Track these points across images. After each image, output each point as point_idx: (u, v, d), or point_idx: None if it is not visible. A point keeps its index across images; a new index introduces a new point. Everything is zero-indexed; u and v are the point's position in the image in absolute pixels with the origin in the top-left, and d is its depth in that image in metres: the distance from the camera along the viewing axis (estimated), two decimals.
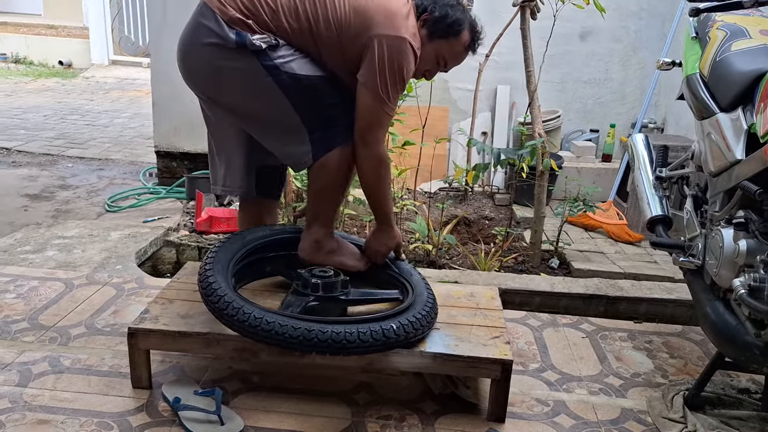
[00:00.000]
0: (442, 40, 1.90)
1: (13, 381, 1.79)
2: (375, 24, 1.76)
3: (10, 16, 12.82)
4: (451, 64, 1.98)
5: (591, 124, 5.10)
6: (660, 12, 4.86)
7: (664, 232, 2.12)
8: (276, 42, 1.77)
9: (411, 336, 1.66)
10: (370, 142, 1.82)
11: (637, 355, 2.18)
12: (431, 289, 1.91)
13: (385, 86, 1.76)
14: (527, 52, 3.22)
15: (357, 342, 1.59)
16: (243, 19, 1.74)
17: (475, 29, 1.96)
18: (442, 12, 1.88)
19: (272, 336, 1.57)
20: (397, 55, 1.75)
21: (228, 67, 1.78)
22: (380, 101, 1.77)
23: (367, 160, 1.84)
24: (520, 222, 4.02)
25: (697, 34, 2.05)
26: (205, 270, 1.73)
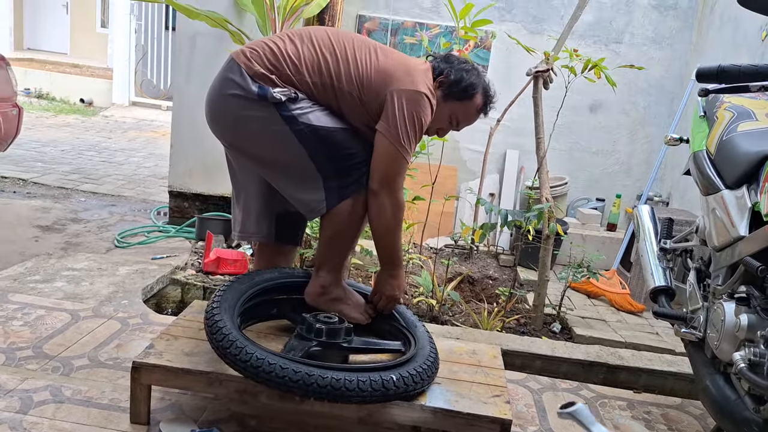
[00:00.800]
0: (457, 102, 2.01)
1: (14, 407, 1.80)
2: (395, 80, 1.88)
3: (37, 53, 13.25)
4: (463, 124, 2.08)
5: (597, 193, 5.17)
6: (669, 90, 5.00)
7: (667, 303, 2.14)
8: (296, 95, 1.86)
9: (410, 389, 1.67)
10: (393, 189, 1.89)
11: (635, 425, 2.17)
12: (434, 344, 1.93)
13: (406, 134, 1.86)
14: (538, 119, 3.32)
15: (356, 390, 1.59)
16: (266, 74, 1.86)
17: (488, 93, 2.06)
18: (458, 76, 1.99)
19: (272, 378, 1.58)
20: (414, 106, 1.86)
21: (249, 116, 1.88)
22: (400, 148, 1.86)
23: (388, 206, 1.89)
24: (524, 284, 4.04)
25: (705, 113, 2.14)
26: (212, 308, 1.76)
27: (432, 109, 1.93)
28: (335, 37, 1.95)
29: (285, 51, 1.89)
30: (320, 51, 1.90)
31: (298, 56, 1.89)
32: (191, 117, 3.81)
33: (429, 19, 4.98)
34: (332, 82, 1.88)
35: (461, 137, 5.09)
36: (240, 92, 1.86)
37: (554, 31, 4.75)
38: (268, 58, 1.87)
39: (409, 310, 2.10)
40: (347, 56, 1.90)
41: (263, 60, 1.87)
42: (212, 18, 3.45)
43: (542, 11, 4.97)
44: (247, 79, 1.85)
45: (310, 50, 1.90)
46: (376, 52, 1.94)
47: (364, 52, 1.92)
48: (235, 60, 1.89)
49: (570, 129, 5.02)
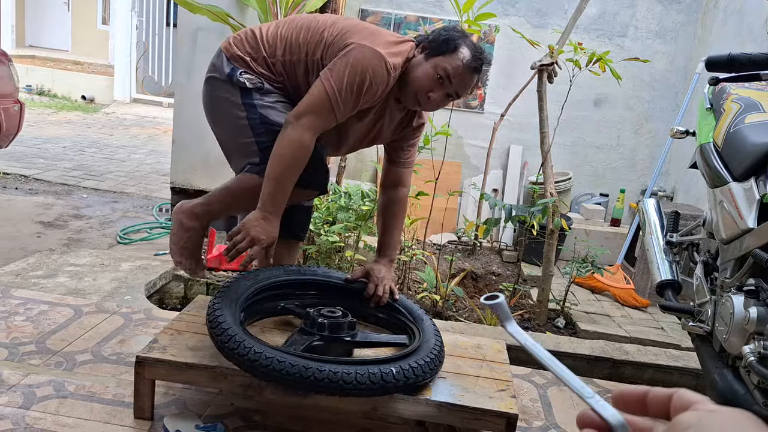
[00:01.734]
0: (439, 57, 1.88)
1: (16, 403, 1.79)
2: (355, 36, 1.84)
3: (39, 51, 13.24)
4: (454, 81, 1.88)
5: (601, 188, 5.16)
6: (673, 84, 4.98)
7: (673, 297, 2.13)
8: (261, 85, 1.91)
9: (411, 381, 1.64)
10: (302, 124, 1.81)
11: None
12: (440, 336, 1.91)
13: (339, 80, 1.78)
14: (543, 113, 3.30)
15: (353, 383, 1.56)
16: (242, 56, 1.93)
17: (475, 46, 1.92)
18: (437, 35, 1.91)
19: (270, 372, 1.55)
20: (363, 59, 1.79)
21: (220, 97, 1.97)
22: (328, 87, 1.79)
23: (290, 138, 1.81)
24: (527, 280, 4.02)
25: (711, 105, 2.11)
26: (214, 304, 1.75)
27: (388, 76, 1.83)
28: (322, 17, 1.97)
29: (265, 34, 1.95)
30: (296, 29, 1.93)
31: (275, 37, 1.93)
32: (193, 113, 3.79)
33: (432, 13, 4.96)
34: (304, 57, 1.91)
35: (464, 133, 5.07)
36: (216, 74, 1.97)
37: (558, 24, 4.73)
38: (249, 42, 1.95)
39: (416, 305, 2.08)
40: (319, 28, 1.91)
41: (243, 44, 1.95)
42: (214, 12, 3.44)
43: (546, 5, 4.95)
44: (223, 61, 1.95)
45: (288, 30, 1.94)
46: (349, 22, 1.92)
47: (337, 23, 1.91)
48: (221, 45, 1.99)
49: (574, 124, 5.00)
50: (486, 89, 5.01)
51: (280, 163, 1.82)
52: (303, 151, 1.82)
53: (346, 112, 1.85)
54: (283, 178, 1.83)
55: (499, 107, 4.70)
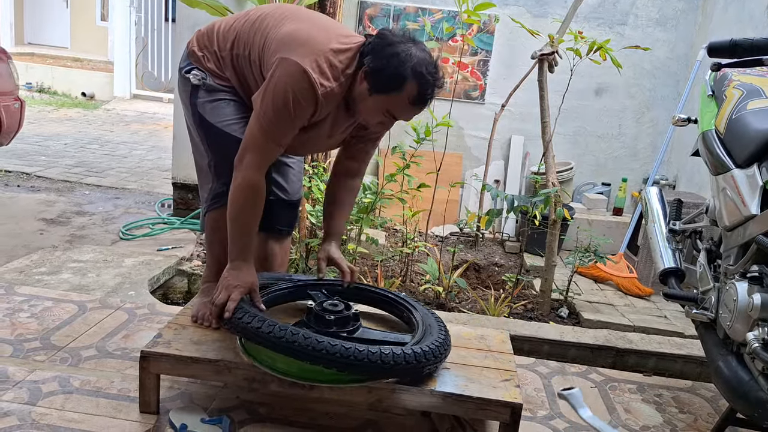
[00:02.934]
0: (382, 96, 1.72)
1: (22, 399, 1.79)
2: (286, 49, 1.73)
3: (38, 48, 13.22)
4: (400, 117, 1.80)
5: (603, 177, 5.14)
6: (674, 72, 4.95)
7: (677, 285, 2.12)
8: (204, 81, 1.91)
9: (423, 364, 1.64)
10: (245, 165, 1.75)
11: (646, 408, 2.16)
12: (442, 323, 1.90)
13: (267, 112, 1.71)
14: (544, 102, 3.29)
15: (366, 361, 1.57)
16: (196, 51, 1.94)
17: (422, 80, 1.69)
18: (377, 65, 1.69)
19: (282, 343, 1.58)
20: (284, 77, 1.68)
21: (180, 91, 2.00)
22: (262, 126, 1.73)
23: (237, 185, 1.76)
24: (530, 270, 4.02)
25: (713, 92, 2.11)
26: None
27: (314, 90, 1.69)
28: (276, 8, 1.91)
29: (220, 28, 1.93)
30: (250, 21, 1.89)
31: (227, 31, 1.91)
32: None
33: (431, 3, 4.94)
34: (247, 53, 1.87)
35: (465, 124, 5.06)
36: (179, 65, 2.00)
37: (558, 14, 4.70)
38: (207, 36, 1.94)
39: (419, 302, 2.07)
40: (262, 23, 1.85)
41: (202, 39, 1.95)
42: (212, 6, 3.42)
43: None
44: (183, 57, 1.98)
45: (243, 23, 1.90)
46: (292, 20, 1.81)
47: (283, 22, 1.81)
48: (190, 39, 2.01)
49: (575, 113, 4.98)
50: (486, 80, 4.99)
51: (234, 209, 1.78)
52: (253, 191, 1.76)
53: (286, 137, 1.76)
54: (241, 222, 1.78)
55: (499, 98, 4.68)
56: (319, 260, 2.04)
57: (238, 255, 1.80)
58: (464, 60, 4.96)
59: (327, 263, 2.05)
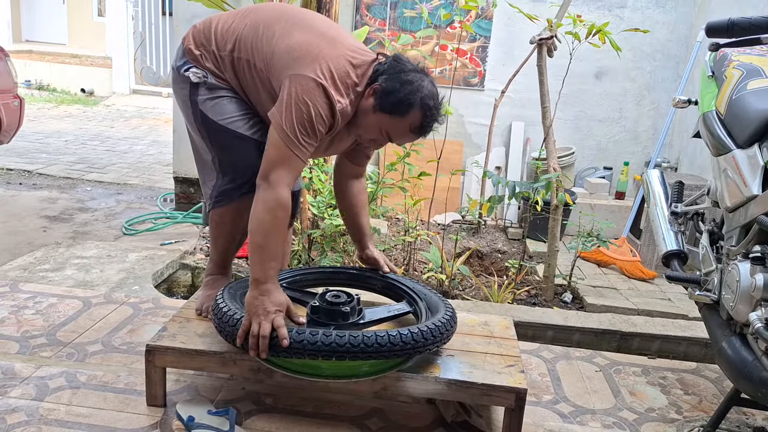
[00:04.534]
0: (386, 116, 1.75)
1: (30, 395, 1.81)
2: (298, 63, 1.72)
3: (36, 45, 13.19)
4: (395, 140, 1.85)
5: (604, 161, 5.13)
6: (674, 54, 4.93)
7: (680, 267, 2.12)
8: (205, 80, 1.87)
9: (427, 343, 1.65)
10: (273, 182, 1.68)
11: (651, 390, 2.17)
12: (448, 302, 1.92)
13: (291, 123, 1.68)
14: (543, 87, 3.27)
15: (375, 346, 1.58)
16: (193, 49, 1.89)
17: (428, 113, 1.75)
18: (390, 87, 1.73)
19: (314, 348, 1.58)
20: (305, 93, 1.68)
21: (177, 89, 1.97)
22: (283, 136, 1.69)
23: (264, 201, 1.69)
24: (533, 256, 4.02)
25: (713, 73, 2.09)
26: (216, 300, 1.79)
27: (331, 105, 1.71)
28: (279, 12, 1.87)
29: (218, 26, 1.89)
30: (251, 26, 1.84)
31: (226, 31, 1.87)
32: None
33: None
34: (250, 59, 1.83)
35: (465, 111, 5.05)
36: (173, 65, 1.97)
37: None
38: (204, 34, 1.90)
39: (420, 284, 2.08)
40: (268, 30, 1.81)
41: (199, 35, 1.91)
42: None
43: None
44: (178, 53, 1.95)
45: (242, 25, 1.86)
46: (300, 29, 1.79)
47: (292, 32, 1.78)
48: (184, 36, 1.96)
49: (576, 97, 4.97)
50: (486, 66, 4.97)
51: (259, 230, 1.68)
52: (281, 209, 1.69)
53: (310, 150, 1.74)
54: (268, 244, 1.68)
55: (499, 84, 4.67)
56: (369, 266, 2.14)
57: (268, 279, 1.67)
58: (463, 46, 4.94)
59: (372, 265, 2.13)
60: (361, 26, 4.74)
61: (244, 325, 1.63)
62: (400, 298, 2.03)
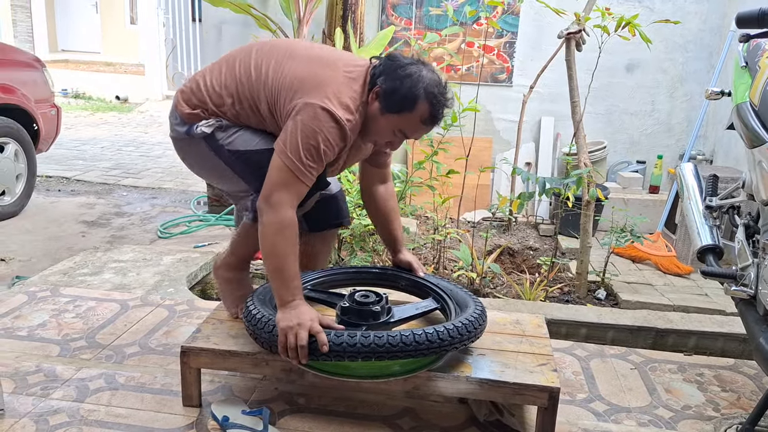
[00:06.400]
0: (395, 115, 1.77)
1: (71, 396, 1.86)
2: (301, 93, 1.74)
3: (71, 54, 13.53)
4: (411, 136, 1.86)
5: (637, 155, 5.05)
6: (707, 44, 4.82)
7: (715, 262, 2.08)
8: (221, 124, 1.86)
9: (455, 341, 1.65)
10: (274, 203, 1.69)
11: (687, 387, 2.13)
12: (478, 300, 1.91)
13: (296, 150, 1.69)
14: (572, 82, 3.24)
15: (413, 344, 1.59)
16: (192, 112, 1.88)
17: (434, 100, 1.76)
18: (392, 85, 1.74)
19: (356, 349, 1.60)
20: (311, 121, 1.69)
21: (188, 152, 1.97)
22: (285, 160, 1.69)
23: (269, 224, 1.70)
24: (565, 252, 3.98)
25: (746, 63, 2.05)
26: (247, 304, 1.81)
27: (340, 127, 1.71)
28: (267, 50, 1.86)
29: (209, 84, 1.87)
30: (240, 76, 1.83)
31: (219, 86, 1.86)
32: None
33: None
34: (253, 106, 1.84)
35: (493, 108, 5.02)
36: (175, 134, 1.94)
37: None
38: (196, 95, 1.88)
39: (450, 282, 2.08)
40: (262, 72, 1.81)
41: (191, 98, 1.89)
42: (236, 4, 3.46)
43: None
44: (178, 121, 1.92)
45: (230, 77, 1.85)
46: (293, 61, 1.80)
47: (282, 66, 1.80)
48: (173, 103, 1.94)
49: (606, 91, 4.90)
50: (513, 62, 4.94)
51: (273, 253, 1.70)
52: (288, 229, 1.70)
53: (314, 174, 1.74)
54: (285, 265, 1.70)
55: (527, 79, 4.63)
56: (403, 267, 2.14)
57: (295, 296, 1.69)
58: (489, 43, 4.91)
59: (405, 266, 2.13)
60: (387, 26, 4.76)
61: (281, 342, 1.64)
62: (426, 295, 2.03)
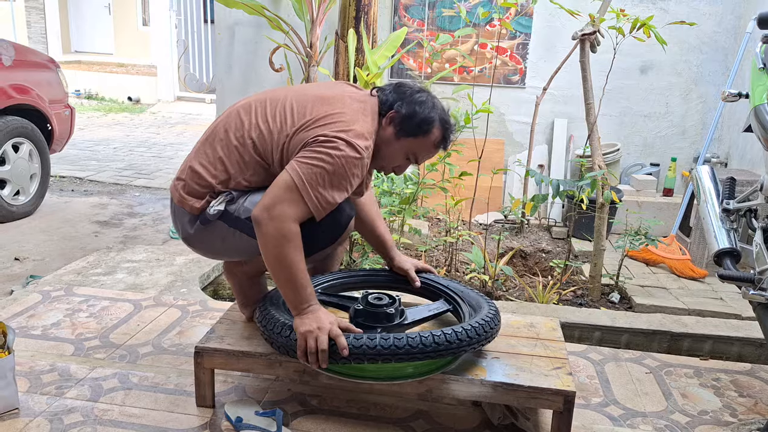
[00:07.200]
0: (412, 139, 1.80)
1: (85, 395, 1.86)
2: (308, 130, 1.71)
3: (84, 55, 13.63)
4: (421, 161, 1.90)
5: (651, 158, 5.02)
6: (723, 46, 4.78)
7: (732, 266, 2.06)
8: (231, 196, 1.79)
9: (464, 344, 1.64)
10: (275, 216, 1.62)
11: (703, 392, 2.11)
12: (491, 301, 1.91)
13: (307, 167, 1.64)
14: (587, 84, 3.22)
15: (432, 345, 1.58)
16: (201, 201, 1.80)
17: (446, 125, 1.84)
18: (410, 110, 1.78)
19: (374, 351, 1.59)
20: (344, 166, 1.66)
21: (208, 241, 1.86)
22: (295, 177, 1.64)
23: (270, 236, 1.63)
24: (578, 255, 3.96)
25: (765, 65, 2.02)
26: (260, 306, 1.81)
27: (361, 158, 1.68)
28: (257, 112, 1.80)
29: (208, 167, 1.80)
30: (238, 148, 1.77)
31: (220, 163, 1.79)
32: None
33: None
34: (264, 164, 1.79)
35: (506, 110, 5.00)
36: (193, 231, 1.84)
37: None
38: (198, 183, 1.80)
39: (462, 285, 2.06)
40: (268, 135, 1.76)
41: (195, 189, 1.81)
42: (249, 5, 3.46)
43: None
44: (189, 218, 1.84)
45: (228, 150, 1.78)
46: (297, 103, 1.77)
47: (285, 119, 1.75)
48: (176, 203, 1.86)
49: (620, 93, 4.87)
50: (526, 63, 4.92)
51: (277, 264, 1.65)
52: (293, 241, 1.64)
53: (323, 204, 1.68)
54: (294, 275, 1.65)
55: (541, 81, 4.61)
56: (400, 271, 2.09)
57: (309, 301, 1.67)
58: (503, 44, 4.90)
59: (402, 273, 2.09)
60: (400, 27, 4.75)
61: (300, 346, 1.62)
62: (437, 297, 2.02)
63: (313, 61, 3.49)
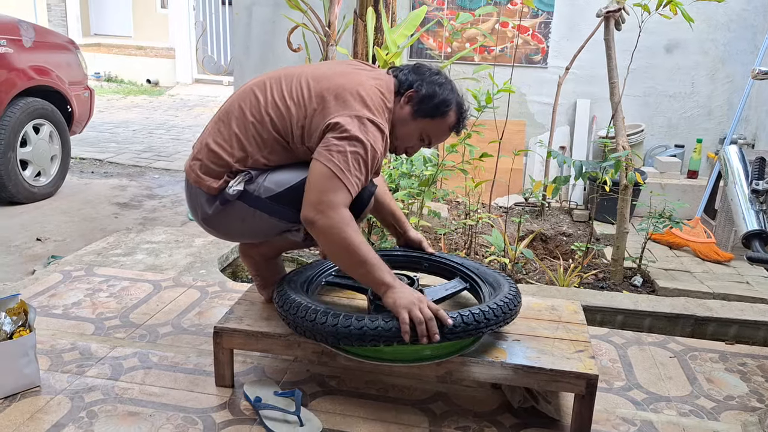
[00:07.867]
0: (428, 120, 1.80)
1: (105, 374, 1.87)
2: (329, 110, 1.68)
3: (103, 38, 13.69)
4: (434, 142, 1.88)
5: (675, 139, 4.91)
6: (751, 23, 4.65)
7: (761, 248, 2.01)
8: (250, 176, 1.74)
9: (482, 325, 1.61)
10: (325, 208, 1.59)
11: (729, 377, 2.06)
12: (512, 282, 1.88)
13: (340, 154, 1.61)
14: (611, 62, 3.14)
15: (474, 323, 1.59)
16: (220, 181, 1.76)
17: (461, 110, 1.84)
18: (430, 90, 1.78)
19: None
20: (372, 145, 1.64)
21: (227, 223, 1.82)
22: (333, 167, 1.61)
23: (329, 228, 1.60)
24: (600, 238, 3.90)
25: None
26: (278, 288, 1.79)
27: (382, 134, 1.68)
28: (273, 89, 1.77)
29: (223, 144, 1.77)
30: (259, 121, 1.74)
31: (236, 141, 1.75)
32: None
33: None
34: (284, 144, 1.75)
35: (528, 90, 4.92)
36: (212, 212, 1.80)
37: None
38: (215, 163, 1.76)
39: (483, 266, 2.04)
40: (288, 112, 1.72)
41: (211, 168, 1.77)
42: None
43: None
44: (206, 198, 1.80)
45: (244, 127, 1.75)
46: (312, 80, 1.74)
47: (304, 99, 1.72)
48: (192, 183, 1.81)
49: (645, 73, 4.76)
50: (549, 42, 4.82)
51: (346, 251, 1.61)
52: (350, 224, 1.61)
53: (359, 185, 1.66)
54: (365, 258, 1.61)
55: (563, 60, 4.52)
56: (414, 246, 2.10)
57: (393, 281, 1.63)
58: (524, 23, 4.81)
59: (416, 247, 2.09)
60: (419, 6, 4.68)
61: (404, 320, 1.55)
62: (452, 275, 2.00)
63: (331, 41, 3.44)
